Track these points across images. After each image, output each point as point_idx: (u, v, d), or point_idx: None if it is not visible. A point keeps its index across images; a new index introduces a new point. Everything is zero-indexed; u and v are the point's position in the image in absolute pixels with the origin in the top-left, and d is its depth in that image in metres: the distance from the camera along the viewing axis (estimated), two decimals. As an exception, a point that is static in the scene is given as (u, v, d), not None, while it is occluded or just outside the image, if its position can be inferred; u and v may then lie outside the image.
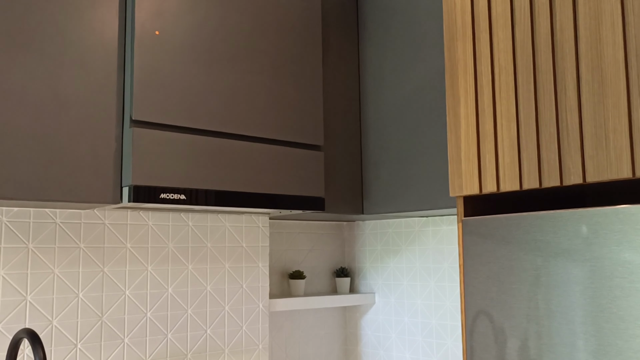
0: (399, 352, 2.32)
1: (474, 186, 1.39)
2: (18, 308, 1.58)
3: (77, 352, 1.67)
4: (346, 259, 2.58)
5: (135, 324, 1.78)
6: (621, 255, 1.11)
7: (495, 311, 1.30)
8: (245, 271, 2.05)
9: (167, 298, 1.86)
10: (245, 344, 2.02)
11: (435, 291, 2.22)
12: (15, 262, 1.59)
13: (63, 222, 1.68)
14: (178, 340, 1.86)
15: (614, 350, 1.10)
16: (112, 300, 1.74)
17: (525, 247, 1.25)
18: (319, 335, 2.43)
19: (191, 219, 1.94)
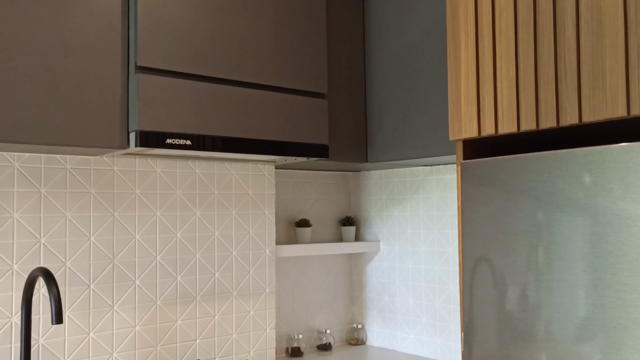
0: (402, 298, 2.39)
1: (472, 129, 1.41)
2: (32, 250, 1.64)
3: (90, 292, 1.74)
4: (352, 208, 2.62)
5: (146, 266, 1.85)
6: (613, 193, 1.13)
7: (492, 250, 1.33)
8: (251, 218, 2.10)
9: (176, 242, 1.92)
10: (252, 287, 2.09)
11: (438, 238, 2.26)
12: (29, 205, 1.64)
13: (73, 168, 1.73)
14: (187, 282, 1.93)
15: (603, 284, 1.14)
16: (123, 243, 1.80)
17: (521, 188, 1.28)
18: (325, 281, 2.50)
19: (198, 166, 1.98)
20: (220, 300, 2.01)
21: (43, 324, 1.65)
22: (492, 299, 1.33)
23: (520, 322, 1.27)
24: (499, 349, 1.31)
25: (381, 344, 2.47)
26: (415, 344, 2.33)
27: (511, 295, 1.29)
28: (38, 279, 1.62)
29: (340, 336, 2.53)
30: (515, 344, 1.28)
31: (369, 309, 2.52)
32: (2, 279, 1.59)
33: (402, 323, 2.38)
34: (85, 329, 1.72)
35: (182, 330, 1.91)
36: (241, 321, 2.06)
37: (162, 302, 1.87)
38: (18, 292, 1.61)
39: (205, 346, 1.96)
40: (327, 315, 2.49)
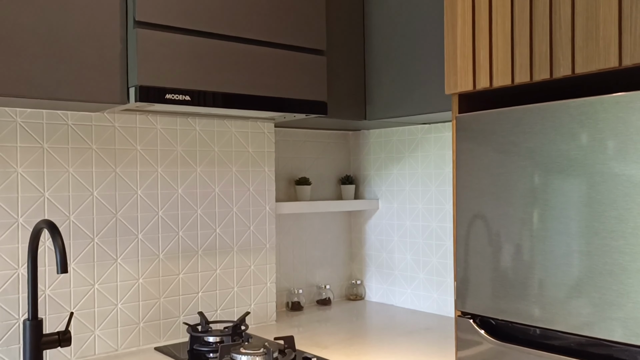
0: (400, 254, 2.43)
1: (468, 83, 1.42)
2: (37, 204, 1.68)
3: (95, 245, 1.78)
4: (351, 167, 2.65)
5: (148, 221, 1.89)
6: (604, 142, 1.15)
7: (485, 201, 1.36)
8: (252, 175, 2.13)
9: (177, 198, 1.95)
10: (253, 243, 2.13)
11: (436, 195, 2.30)
12: (32, 160, 1.67)
13: (75, 124, 1.75)
14: (189, 237, 1.98)
15: (590, 231, 1.17)
16: (125, 199, 1.84)
17: (514, 140, 1.30)
18: (324, 239, 2.54)
19: (198, 123, 2.00)
20: (222, 255, 2.06)
21: (49, 275, 1.70)
22: (485, 249, 1.36)
23: (511, 272, 1.31)
24: (492, 302, 1.35)
25: (379, 299, 2.53)
26: (412, 298, 2.39)
27: (504, 247, 1.32)
28: (43, 231, 1.67)
29: (339, 292, 2.59)
30: (507, 291, 1.32)
31: (368, 265, 2.57)
32: (8, 232, 1.63)
33: (400, 278, 2.44)
34: (90, 280, 1.77)
35: (185, 283, 1.97)
36: (242, 275, 2.11)
37: (164, 256, 1.92)
38: (24, 245, 1.66)
39: (207, 299, 2.02)
40: (326, 272, 2.55)
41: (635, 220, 1.11)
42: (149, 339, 1.88)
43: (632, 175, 1.11)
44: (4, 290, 1.63)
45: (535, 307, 1.26)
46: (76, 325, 1.74)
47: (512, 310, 1.31)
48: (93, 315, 1.77)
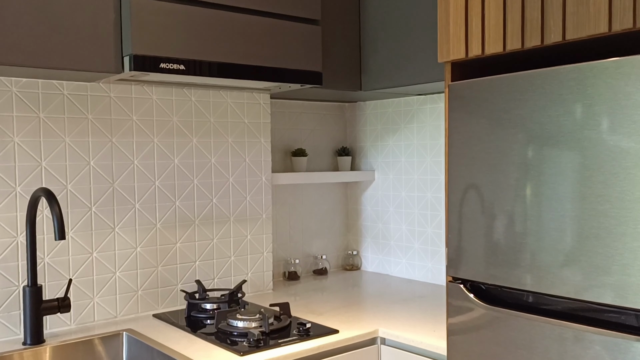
0: (396, 225, 2.46)
1: (460, 50, 1.42)
2: (34, 173, 1.70)
3: (92, 214, 1.81)
4: (348, 139, 2.66)
5: (145, 191, 1.91)
6: (592, 108, 1.16)
7: (476, 168, 1.38)
8: (247, 146, 2.15)
9: (174, 168, 1.97)
10: (249, 213, 2.16)
11: (431, 166, 2.31)
12: (28, 130, 1.69)
13: (70, 94, 1.76)
14: (185, 207, 2.00)
15: (577, 196, 1.19)
16: (122, 168, 1.86)
17: (505, 107, 1.31)
18: (321, 210, 2.57)
19: (193, 94, 2.01)
20: (218, 225, 2.08)
21: (48, 243, 1.72)
22: (477, 216, 1.38)
23: (503, 238, 1.33)
24: (483, 268, 1.38)
25: (375, 269, 2.56)
26: (407, 268, 2.42)
27: (496, 214, 1.34)
28: (41, 200, 1.69)
29: (335, 262, 2.62)
30: (497, 257, 1.34)
31: (364, 236, 2.60)
32: (6, 201, 1.66)
33: (395, 249, 2.47)
34: (88, 249, 1.80)
35: (182, 252, 1.99)
36: (239, 245, 2.14)
37: (161, 226, 1.95)
38: (22, 213, 1.68)
39: (204, 268, 2.05)
40: (323, 242, 2.57)
41: (622, 185, 1.13)
42: (148, 306, 1.92)
43: (619, 141, 1.12)
44: (3, 257, 1.65)
45: (526, 272, 1.29)
46: (75, 293, 1.78)
47: (502, 275, 1.34)
48: (92, 283, 1.81)
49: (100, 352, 1.67)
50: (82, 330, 1.73)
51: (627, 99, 1.12)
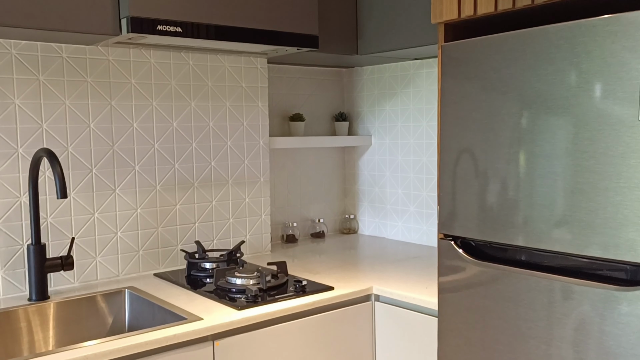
0: (392, 188, 2.50)
1: (453, 11, 1.44)
2: (35, 135, 1.73)
3: (93, 176, 1.84)
4: (345, 104, 2.68)
5: (144, 154, 1.94)
6: (579, 66, 1.19)
7: (468, 127, 1.41)
8: (245, 110, 2.17)
9: (172, 132, 2.00)
10: (247, 176, 2.20)
11: (427, 130, 2.34)
12: (29, 92, 1.71)
13: (69, 57, 1.78)
14: (185, 170, 2.04)
15: (565, 153, 1.22)
16: (121, 131, 1.89)
17: (496, 66, 1.33)
18: (318, 174, 2.60)
19: (191, 58, 2.03)
20: (217, 188, 2.12)
21: (50, 204, 1.77)
22: (469, 173, 1.42)
23: (493, 194, 1.37)
24: (473, 224, 1.42)
25: (372, 232, 2.61)
26: (403, 231, 2.47)
27: (487, 171, 1.38)
28: (42, 161, 1.72)
29: (333, 226, 2.67)
30: (486, 214, 1.38)
31: (361, 200, 2.64)
32: (9, 162, 1.69)
33: (392, 212, 2.51)
34: (90, 209, 1.84)
35: (182, 214, 2.04)
36: (237, 207, 2.18)
37: (161, 188, 1.99)
38: (24, 174, 1.72)
39: (203, 229, 2.10)
40: (320, 207, 2.62)
41: (606, 140, 1.16)
42: (149, 266, 1.97)
43: (606, 98, 1.15)
44: (7, 217, 1.70)
45: (514, 227, 1.33)
46: (78, 252, 1.82)
47: (491, 231, 1.38)
48: (94, 243, 1.85)
49: (103, 309, 1.73)
50: (85, 288, 1.79)
51: (613, 56, 1.14)
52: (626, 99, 1.12)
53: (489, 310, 1.39)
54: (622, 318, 1.15)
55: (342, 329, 1.71)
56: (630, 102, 1.12)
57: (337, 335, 1.70)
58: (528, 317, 1.31)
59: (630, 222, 1.13)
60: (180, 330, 1.40)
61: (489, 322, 1.39)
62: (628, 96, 1.12)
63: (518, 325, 1.33)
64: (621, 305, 1.15)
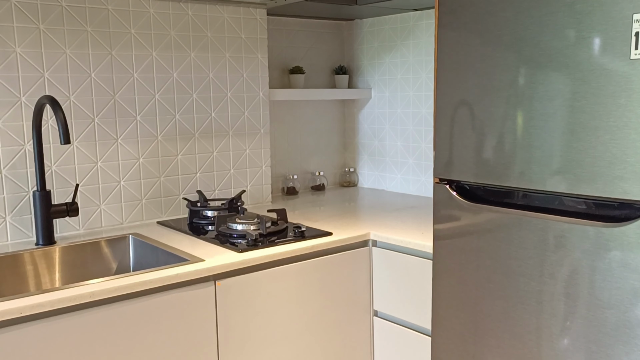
0: (391, 141, 2.53)
1: (450, -45, 1.44)
2: (37, 83, 1.75)
3: (95, 125, 1.87)
4: (345, 58, 2.68)
5: (145, 104, 1.97)
6: (574, 7, 1.20)
7: (462, 71, 1.43)
8: (245, 61, 2.18)
9: (173, 82, 2.02)
10: (247, 128, 2.22)
11: (426, 82, 2.35)
12: (29, 41, 1.73)
13: (69, 6, 1.79)
14: (185, 120, 2.06)
15: (557, 95, 1.24)
16: (122, 81, 1.91)
17: (491, 10, 1.34)
18: (319, 128, 2.63)
19: (190, 8, 2.03)
20: (218, 138, 2.15)
21: (54, 152, 1.80)
22: (464, 117, 1.44)
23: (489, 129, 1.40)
24: (468, 168, 1.45)
25: (371, 185, 2.65)
26: (402, 183, 2.50)
27: (477, 113, 1.40)
28: (45, 108, 1.75)
29: (333, 179, 2.71)
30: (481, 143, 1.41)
31: (360, 153, 2.67)
32: (12, 110, 1.72)
33: (391, 165, 2.54)
34: (93, 158, 1.88)
35: (183, 164, 2.07)
36: (238, 158, 2.21)
37: (162, 138, 2.02)
38: (28, 122, 1.75)
39: (205, 179, 2.13)
40: (320, 160, 2.65)
41: (597, 80, 1.18)
42: (152, 214, 2.02)
43: (597, 37, 1.17)
44: (12, 164, 1.73)
45: (506, 169, 1.36)
46: (83, 200, 1.87)
47: (485, 174, 1.41)
48: (98, 191, 1.90)
49: (108, 253, 1.78)
50: (90, 234, 1.84)
51: (606, -4, 1.15)
52: (618, 38, 1.14)
53: (482, 250, 1.43)
54: (610, 254, 1.19)
55: (340, 273, 1.76)
56: (621, 42, 1.13)
57: (335, 278, 1.75)
58: (519, 255, 1.35)
59: (618, 160, 1.16)
60: (182, 270, 1.45)
61: (481, 262, 1.43)
62: (619, 35, 1.13)
63: (509, 263, 1.37)
64: (609, 242, 1.19)
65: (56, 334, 1.27)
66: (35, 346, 1.25)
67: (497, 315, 1.41)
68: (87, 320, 1.31)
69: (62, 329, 1.28)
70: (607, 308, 1.20)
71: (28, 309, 1.23)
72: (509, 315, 1.38)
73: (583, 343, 1.25)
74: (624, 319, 1.18)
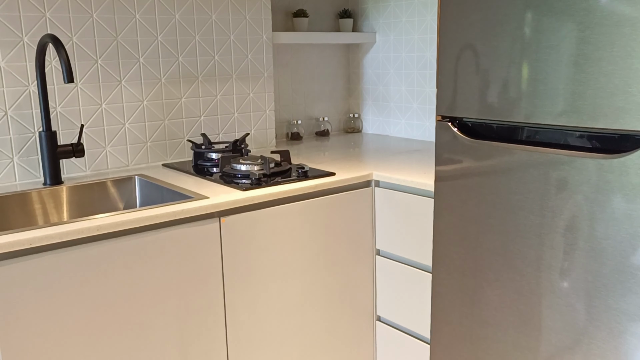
0: (395, 86, 2.51)
1: None
2: (39, 23, 1.74)
3: (98, 67, 1.87)
4: (349, 1, 2.64)
5: (148, 45, 1.96)
6: None
7: (467, 6, 1.41)
8: (247, 3, 2.16)
9: (175, 24, 2.00)
10: (251, 71, 2.21)
11: (430, 24, 2.32)
12: (30, -20, 1.71)
13: (68, -56, 1.76)
14: (188, 63, 2.05)
15: (560, 25, 1.23)
16: (125, 22, 1.90)
17: (497, -60, 1.32)
18: (323, 73, 2.61)
19: (191, -53, 2.00)
20: (221, 82, 2.15)
21: (58, 93, 1.81)
22: (467, 53, 1.43)
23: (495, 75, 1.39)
24: (471, 104, 1.44)
25: (375, 130, 2.65)
26: (406, 128, 2.50)
27: (479, 46, 1.39)
28: (48, 48, 1.75)
29: (337, 125, 2.71)
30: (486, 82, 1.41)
31: (365, 99, 2.66)
32: (15, 50, 1.72)
33: (395, 110, 2.53)
34: (97, 100, 1.88)
35: (187, 107, 2.08)
36: (242, 102, 2.21)
37: (166, 80, 2.01)
38: (31, 63, 1.75)
39: (209, 123, 2.14)
40: (325, 106, 2.64)
41: (602, 10, 1.16)
42: (157, 157, 2.03)
43: (604, -34, 1.15)
44: (17, 105, 1.74)
45: (509, 104, 1.36)
46: (88, 142, 1.88)
47: (486, 109, 1.41)
48: (103, 133, 1.91)
49: (114, 194, 1.81)
50: (96, 175, 1.86)
51: None
52: (624, -35, 1.12)
53: (483, 187, 1.44)
54: (609, 185, 1.20)
55: (342, 212, 1.79)
56: (628, -31, 1.11)
57: (338, 217, 1.78)
58: (519, 190, 1.36)
59: (620, 91, 1.16)
60: (188, 206, 1.48)
61: (482, 198, 1.45)
62: (626, -38, 1.11)
63: (509, 198, 1.39)
64: (608, 173, 1.20)
65: (64, 266, 1.31)
66: (44, 276, 1.29)
67: (496, 249, 1.44)
68: (94, 253, 1.35)
69: (69, 260, 1.32)
70: (604, 239, 1.22)
71: (37, 240, 1.26)
72: (508, 249, 1.41)
73: (581, 274, 1.28)
74: (620, 250, 1.20)
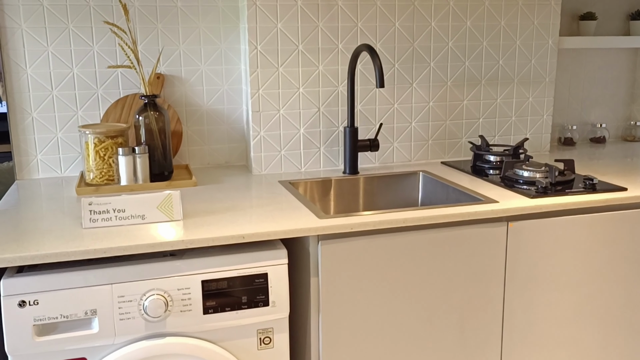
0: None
1: None
2: (352, 32, 1.99)
3: (395, 71, 2.06)
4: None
5: (439, 51, 2.09)
6: None
7: None
8: (537, 8, 2.16)
9: (466, 30, 2.10)
10: (533, 76, 2.22)
11: None
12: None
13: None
14: (474, 67, 2.14)
15: None
16: (421, 29, 2.06)
17: None
18: (604, 77, 2.50)
19: (489, -44, 2.06)
20: (503, 86, 2.20)
21: (360, 94, 2.05)
22: None
23: None
24: None
25: (660, 141, 2.45)
26: (701, 141, 2.27)
27: None
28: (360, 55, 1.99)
29: (615, 132, 2.57)
30: None
31: (651, 106, 2.48)
32: (331, 56, 1.98)
33: (689, 121, 2.31)
34: (391, 100, 2.08)
35: (468, 109, 2.18)
36: (520, 106, 2.24)
37: (451, 84, 2.14)
38: (342, 67, 2.01)
39: (487, 125, 2.22)
40: (602, 111, 2.53)
41: None
42: (436, 155, 2.18)
43: None
44: (328, 103, 2.02)
45: None
46: (380, 138, 2.10)
47: None
48: (393, 130, 2.11)
49: (399, 186, 2.00)
50: (383, 168, 2.07)
51: None
52: None
53: None
54: None
55: (633, 231, 1.73)
56: None
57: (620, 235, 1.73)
58: None
59: None
60: (478, 209, 1.58)
61: None
62: None
63: None
64: None
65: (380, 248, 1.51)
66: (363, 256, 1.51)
67: None
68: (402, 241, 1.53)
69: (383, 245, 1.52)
70: None
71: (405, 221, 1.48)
72: None
73: None
74: None
